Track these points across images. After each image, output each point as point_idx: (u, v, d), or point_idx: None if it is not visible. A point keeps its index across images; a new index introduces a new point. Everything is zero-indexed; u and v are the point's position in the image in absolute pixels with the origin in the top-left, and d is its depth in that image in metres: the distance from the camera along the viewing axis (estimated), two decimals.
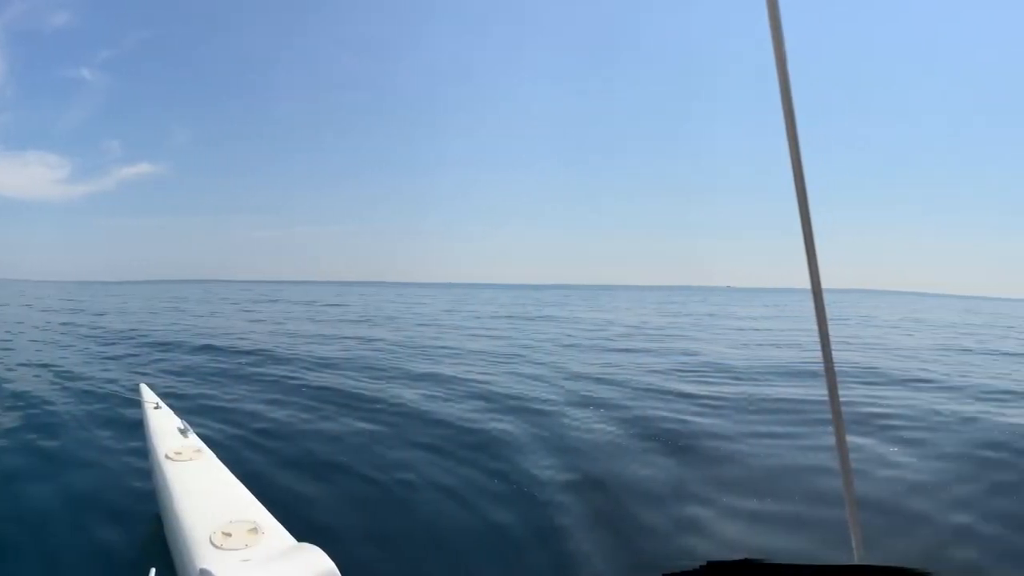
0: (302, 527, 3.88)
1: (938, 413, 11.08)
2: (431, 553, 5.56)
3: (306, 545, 3.35)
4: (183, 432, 5.59)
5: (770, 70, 1.27)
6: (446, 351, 18.55)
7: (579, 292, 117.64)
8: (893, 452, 8.79)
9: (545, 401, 11.14)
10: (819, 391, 11.69)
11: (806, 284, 1.36)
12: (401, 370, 14.32)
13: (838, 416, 1.45)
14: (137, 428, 6.81)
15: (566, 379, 13.50)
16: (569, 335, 25.29)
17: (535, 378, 13.52)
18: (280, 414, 9.99)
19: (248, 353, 17.29)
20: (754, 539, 6.15)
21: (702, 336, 26.64)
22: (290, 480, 7.04)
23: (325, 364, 15.32)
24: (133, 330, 24.33)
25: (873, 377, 15.14)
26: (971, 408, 11.59)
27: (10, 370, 13.91)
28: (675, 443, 8.89)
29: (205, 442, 5.50)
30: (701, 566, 1.15)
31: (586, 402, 11.19)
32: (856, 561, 1.40)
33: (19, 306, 42.24)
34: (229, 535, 3.58)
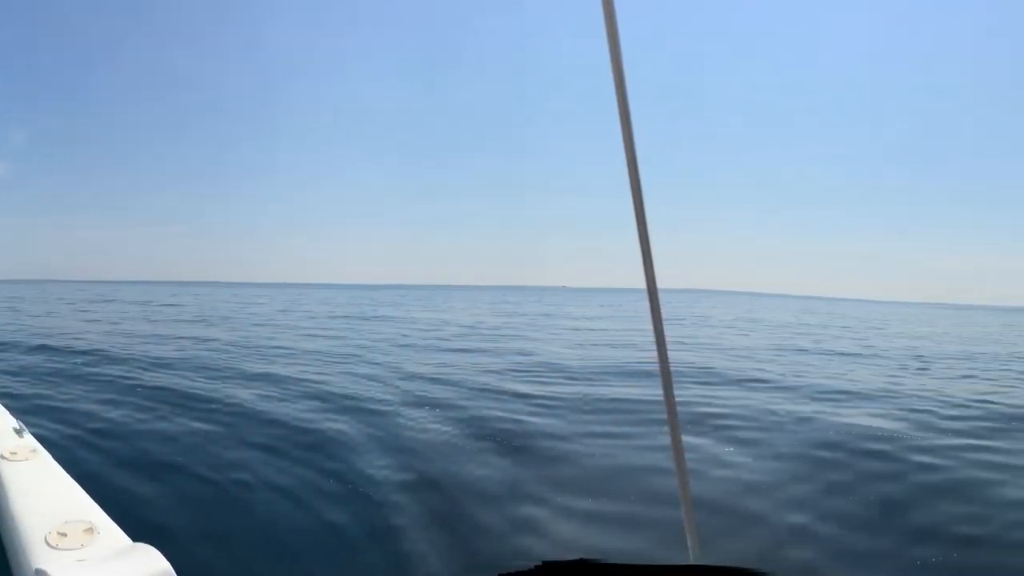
0: (138, 527, 3.83)
1: (773, 413, 11.47)
2: (267, 553, 5.57)
3: (141, 545, 3.33)
4: (18, 432, 5.54)
5: (605, 70, 1.27)
6: (281, 351, 18.56)
7: (415, 292, 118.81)
8: (728, 452, 9.01)
9: (380, 401, 11.19)
10: (654, 391, 11.85)
11: (642, 284, 1.36)
12: (236, 370, 14.31)
13: (673, 416, 1.46)
14: None
15: (402, 379, 13.58)
16: (404, 335, 25.56)
17: (370, 378, 13.59)
18: (115, 414, 9.83)
19: (84, 353, 16.93)
20: (590, 539, 6.25)
21: (537, 336, 27.11)
22: (126, 480, 6.93)
23: (160, 364, 15.08)
24: None
25: (708, 377, 15.59)
26: (806, 408, 12.06)
27: None
28: (510, 443, 8.97)
29: (41, 442, 5.41)
30: (536, 566, 1.11)
31: (421, 402, 11.26)
32: (691, 561, 1.41)
33: None
34: (65, 535, 3.53)
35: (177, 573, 3.12)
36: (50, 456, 5.06)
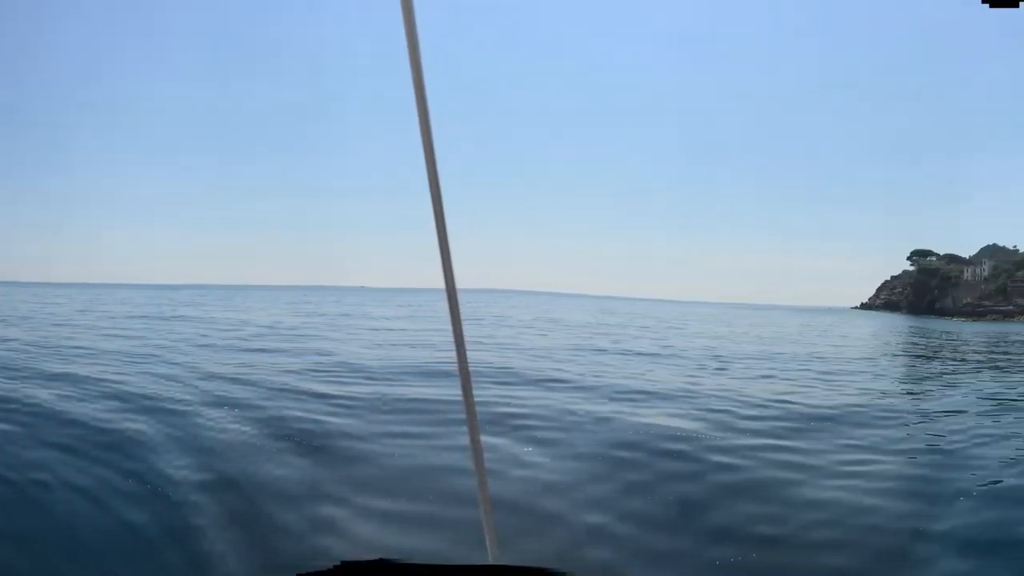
0: None
1: (572, 413, 11.67)
2: (66, 553, 5.57)
3: None
4: None
5: (404, 70, 1.28)
6: (80, 351, 18.21)
7: (214, 292, 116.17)
8: (528, 452, 9.12)
9: (179, 401, 11.06)
10: (453, 391, 11.94)
11: (441, 284, 1.37)
12: (35, 370, 14.02)
13: (472, 416, 1.46)
14: None
15: (200, 379, 13.46)
16: (204, 335, 25.31)
17: (169, 378, 13.42)
18: None
19: None
20: (389, 539, 6.30)
21: (336, 336, 27.17)
22: None
23: None
24: None
25: (508, 377, 15.82)
26: (605, 408, 12.34)
27: None
28: (309, 443, 8.92)
29: None
30: (335, 566, 1.09)
31: (220, 402, 11.15)
32: (490, 561, 1.38)
33: None
34: None
35: None
36: None
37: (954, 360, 30.32)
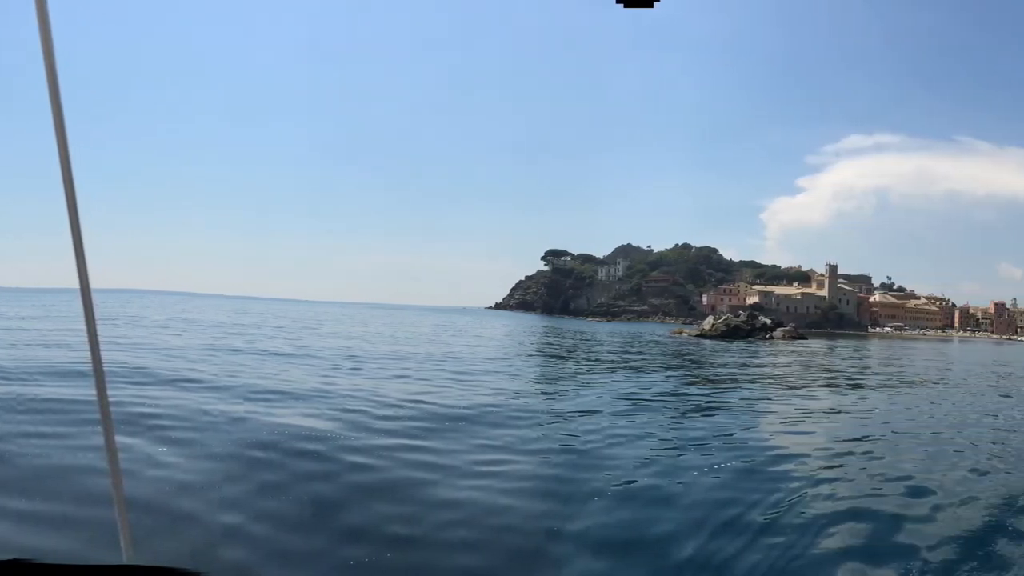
0: None
1: (207, 413, 11.71)
2: None
3: None
4: None
5: (38, 68, 1.29)
6: None
7: None
8: (162, 452, 9.03)
9: None
10: (88, 391, 11.59)
11: (75, 283, 1.39)
12: None
13: (106, 416, 1.50)
14: None
15: None
16: None
17: None
18: None
19: None
20: (24, 539, 6.15)
21: None
22: None
23: None
24: None
25: (142, 377, 15.59)
26: (240, 408, 12.45)
27: None
28: None
29: None
30: None
31: None
32: (125, 561, 1.45)
33: None
34: None
35: None
36: None
37: (588, 360, 32.68)
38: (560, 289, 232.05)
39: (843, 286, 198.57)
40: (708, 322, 76.20)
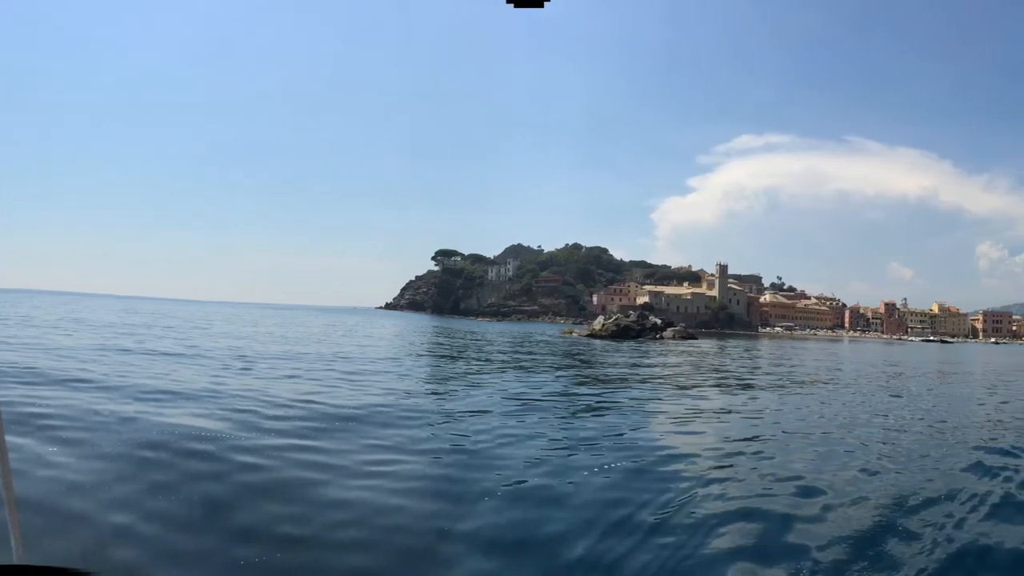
0: None
1: (97, 413, 11.59)
2: None
3: None
4: None
5: None
6: None
7: None
8: (52, 452, 8.96)
9: None
10: None
11: None
12: None
13: None
14: None
15: None
16: None
17: None
18: None
19: None
20: None
21: None
22: None
23: None
24: None
25: (32, 377, 15.41)
26: (130, 408, 12.34)
27: None
28: None
29: None
30: None
31: None
32: (15, 561, 1.46)
33: None
34: None
35: None
36: None
37: (479, 360, 32.71)
38: (450, 289, 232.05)
39: (733, 286, 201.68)
40: (598, 322, 76.71)
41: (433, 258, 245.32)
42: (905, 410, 20.40)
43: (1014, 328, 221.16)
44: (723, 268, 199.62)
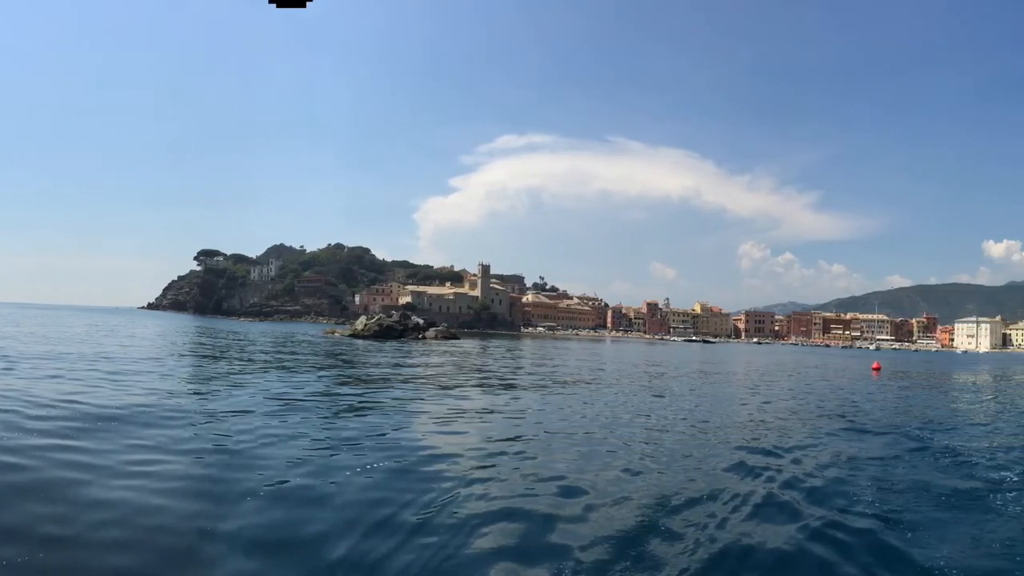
0: None
1: None
2: None
3: None
4: None
5: None
6: None
7: None
8: None
9: None
10: None
11: None
12: None
13: None
14: None
15: None
16: None
17: None
18: None
19: None
20: None
21: None
22: None
23: None
24: None
25: None
26: None
27: None
28: None
29: None
30: None
31: None
32: None
33: None
34: None
35: None
36: None
37: (241, 360, 32.47)
38: (213, 289, 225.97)
39: (496, 286, 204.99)
40: (361, 322, 76.42)
41: (195, 258, 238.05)
42: (668, 410, 21.09)
43: (776, 328, 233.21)
44: (485, 268, 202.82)
